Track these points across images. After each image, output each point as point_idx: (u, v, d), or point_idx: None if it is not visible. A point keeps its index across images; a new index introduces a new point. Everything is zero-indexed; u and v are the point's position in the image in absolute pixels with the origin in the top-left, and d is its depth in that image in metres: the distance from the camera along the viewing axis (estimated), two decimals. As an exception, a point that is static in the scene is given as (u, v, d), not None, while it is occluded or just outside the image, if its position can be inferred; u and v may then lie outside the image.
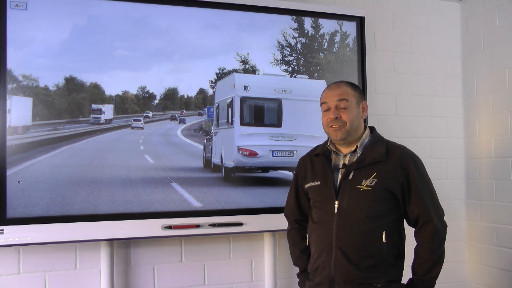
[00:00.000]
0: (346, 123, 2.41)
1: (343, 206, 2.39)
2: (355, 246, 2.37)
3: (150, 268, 3.28)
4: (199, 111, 3.33)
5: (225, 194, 3.27)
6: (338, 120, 2.41)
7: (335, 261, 2.38)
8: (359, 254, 2.36)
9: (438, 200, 2.50)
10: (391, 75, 3.94)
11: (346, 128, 2.41)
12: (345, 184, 2.41)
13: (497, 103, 3.84)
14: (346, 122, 2.41)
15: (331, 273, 2.39)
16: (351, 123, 2.42)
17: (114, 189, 3.05)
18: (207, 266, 3.40)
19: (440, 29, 4.11)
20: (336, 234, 2.39)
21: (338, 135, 2.42)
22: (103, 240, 3.03)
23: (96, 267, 3.15)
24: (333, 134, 2.44)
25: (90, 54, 3.06)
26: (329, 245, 2.40)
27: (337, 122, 2.41)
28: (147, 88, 3.19)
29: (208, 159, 3.34)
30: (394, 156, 2.43)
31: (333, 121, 2.42)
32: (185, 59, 3.26)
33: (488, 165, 3.91)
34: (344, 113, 2.42)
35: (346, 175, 2.42)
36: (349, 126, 2.42)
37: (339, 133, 2.42)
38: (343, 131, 2.42)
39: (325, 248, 2.42)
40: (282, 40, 3.48)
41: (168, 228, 3.08)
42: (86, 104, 3.06)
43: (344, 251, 2.37)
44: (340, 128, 2.41)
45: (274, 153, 3.40)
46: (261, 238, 3.47)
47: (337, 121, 2.41)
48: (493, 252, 3.87)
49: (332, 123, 2.42)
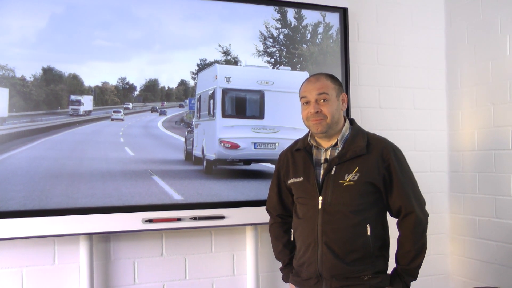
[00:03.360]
0: (327, 117, 2.43)
1: (327, 201, 2.42)
2: (340, 241, 2.40)
3: (131, 262, 3.28)
4: (180, 102, 3.32)
5: (207, 187, 3.28)
6: (318, 114, 2.43)
7: (322, 256, 2.42)
8: (345, 248, 2.40)
9: (419, 190, 2.54)
10: (375, 67, 3.94)
11: (327, 121, 2.44)
12: (328, 180, 2.44)
13: (480, 96, 3.84)
14: (327, 116, 2.43)
15: (318, 268, 2.43)
16: (332, 116, 2.44)
17: (93, 182, 3.03)
18: (188, 260, 3.40)
19: (424, 21, 4.11)
20: (321, 229, 2.42)
21: (319, 128, 2.44)
22: (82, 234, 3.02)
23: (75, 262, 3.14)
24: (314, 128, 2.46)
25: (68, 44, 3.03)
26: (314, 240, 2.43)
27: (317, 116, 2.43)
28: (127, 79, 3.17)
29: (189, 152, 3.34)
30: (375, 149, 2.45)
31: (314, 115, 2.44)
32: (166, 49, 3.24)
33: (471, 158, 3.93)
34: (325, 107, 2.44)
35: (329, 170, 2.45)
36: (330, 119, 2.44)
37: (319, 126, 2.44)
38: (324, 124, 2.44)
39: (311, 243, 2.45)
40: (264, 31, 3.47)
41: (148, 221, 3.08)
42: (64, 95, 3.04)
43: (330, 246, 2.40)
44: (321, 122, 2.43)
45: (256, 145, 3.41)
46: (243, 232, 3.49)
47: (318, 115, 2.43)
48: (475, 245, 3.88)
49: (313, 117, 2.44)
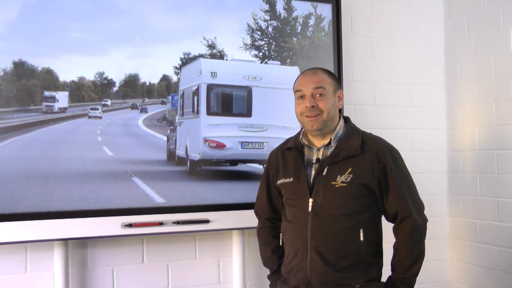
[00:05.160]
0: (323, 112, 2.40)
1: (318, 204, 2.40)
2: (331, 246, 2.38)
3: (109, 270, 3.26)
4: (162, 99, 3.32)
5: (191, 189, 3.26)
6: (314, 109, 2.40)
7: (311, 262, 2.39)
8: (336, 254, 2.38)
9: (418, 194, 2.52)
10: (369, 62, 3.93)
11: (323, 117, 2.41)
12: (319, 181, 2.41)
13: (481, 93, 3.85)
14: (323, 111, 2.40)
15: (306, 275, 2.41)
16: (328, 112, 2.41)
17: (69, 184, 3.01)
18: (170, 267, 3.39)
19: (421, 13, 4.11)
20: (311, 233, 2.40)
21: (314, 125, 2.41)
22: (57, 240, 3.00)
23: (49, 270, 3.10)
24: (309, 124, 2.43)
25: (42, 36, 3.01)
26: (304, 245, 2.41)
27: (313, 111, 2.40)
28: (106, 74, 3.16)
29: (172, 151, 3.34)
30: (370, 149, 2.43)
31: (309, 110, 2.40)
32: (147, 43, 3.24)
33: (472, 158, 3.93)
34: (321, 101, 2.41)
35: (320, 171, 2.42)
36: (326, 115, 2.41)
37: (315, 123, 2.41)
38: (320, 120, 2.40)
39: (299, 248, 2.43)
40: (252, 23, 3.47)
41: (128, 226, 3.07)
42: (37, 91, 3.02)
43: (320, 251, 2.38)
44: (317, 118, 2.40)
45: (243, 144, 3.40)
46: (229, 237, 3.47)
47: (313, 110, 2.40)
48: (476, 250, 3.89)
49: (308, 112, 2.41)
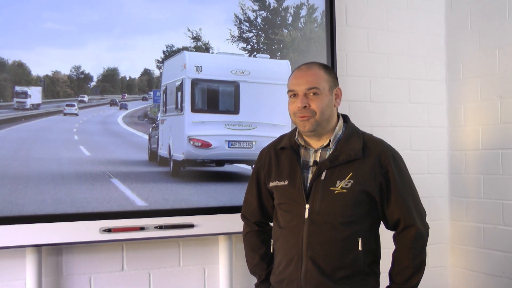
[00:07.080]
0: (316, 113, 2.35)
1: (315, 210, 2.36)
2: (328, 256, 2.35)
3: (86, 278, 3.21)
4: (144, 95, 3.31)
5: (174, 191, 3.25)
6: (306, 110, 2.35)
7: (306, 273, 2.36)
8: (333, 264, 2.36)
9: (420, 200, 2.51)
10: (365, 55, 3.91)
11: (316, 119, 2.36)
12: (317, 185, 2.37)
13: (485, 89, 3.83)
14: (315, 112, 2.35)
15: (300, 286, 2.37)
16: (322, 113, 2.36)
17: (42, 186, 2.99)
18: (152, 275, 3.36)
19: (421, 3, 4.08)
20: (307, 242, 2.36)
21: (306, 126, 2.37)
22: (30, 246, 2.95)
23: (21, 279, 3.05)
24: (301, 125, 2.39)
25: (12, 27, 2.98)
26: (298, 254, 2.38)
27: (305, 112, 2.35)
28: (82, 68, 3.14)
29: (154, 151, 3.33)
30: (372, 153, 2.40)
31: (301, 111, 2.36)
32: (127, 34, 3.22)
33: (475, 158, 3.91)
34: (314, 101, 2.36)
35: (318, 175, 2.38)
36: (319, 117, 2.36)
37: (307, 124, 2.36)
38: (312, 121, 2.36)
39: (294, 257, 2.39)
40: (240, 14, 3.45)
41: (107, 231, 3.04)
42: (8, 86, 2.99)
43: (316, 261, 2.35)
44: (309, 119, 2.36)
45: (230, 144, 3.39)
46: (215, 242, 3.44)
47: (305, 111, 2.35)
48: (479, 256, 3.88)
49: (300, 113, 2.36)
